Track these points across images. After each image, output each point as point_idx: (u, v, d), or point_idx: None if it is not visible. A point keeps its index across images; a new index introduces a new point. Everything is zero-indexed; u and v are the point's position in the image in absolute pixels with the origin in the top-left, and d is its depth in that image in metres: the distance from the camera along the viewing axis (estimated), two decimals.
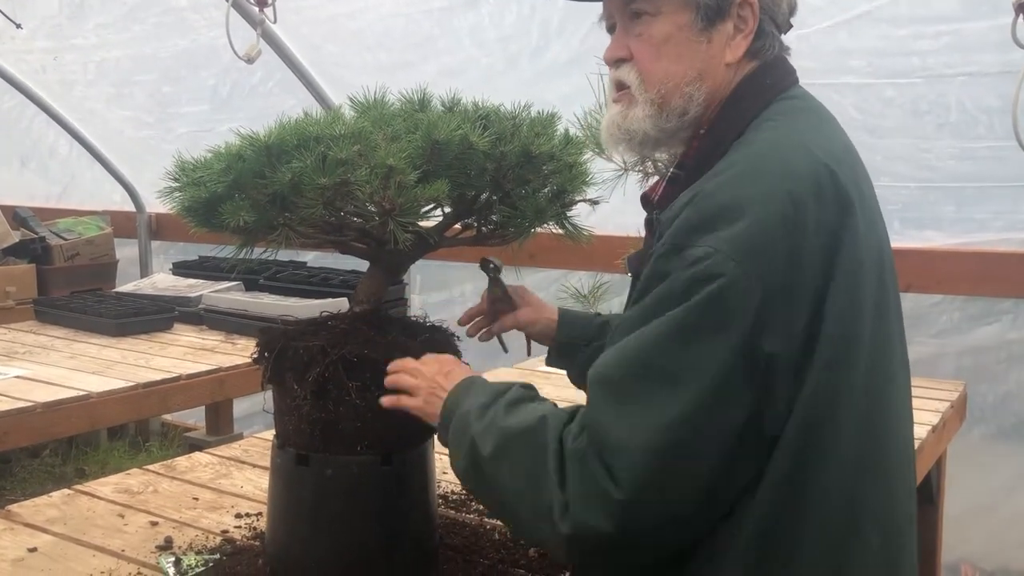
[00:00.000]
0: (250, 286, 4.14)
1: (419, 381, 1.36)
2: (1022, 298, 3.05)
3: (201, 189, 1.31)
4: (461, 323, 1.71)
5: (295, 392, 1.38)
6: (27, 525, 1.70)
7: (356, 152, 1.27)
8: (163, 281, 4.45)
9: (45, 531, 1.68)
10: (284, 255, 1.64)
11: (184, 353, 3.36)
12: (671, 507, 1.10)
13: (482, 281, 1.70)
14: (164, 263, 5.22)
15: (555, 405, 1.26)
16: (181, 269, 4.61)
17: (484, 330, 1.71)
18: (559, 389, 1.79)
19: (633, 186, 2.19)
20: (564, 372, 1.72)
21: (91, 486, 1.92)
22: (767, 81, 1.28)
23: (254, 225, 1.31)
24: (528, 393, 1.29)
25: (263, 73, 4.20)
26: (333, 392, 1.36)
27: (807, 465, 1.12)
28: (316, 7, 3.83)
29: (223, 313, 3.77)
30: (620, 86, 1.31)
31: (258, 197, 1.29)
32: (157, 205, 5.11)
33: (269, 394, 1.47)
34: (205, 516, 1.76)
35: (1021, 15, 2.24)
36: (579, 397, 1.27)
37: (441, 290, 4.24)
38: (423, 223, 1.41)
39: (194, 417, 4.47)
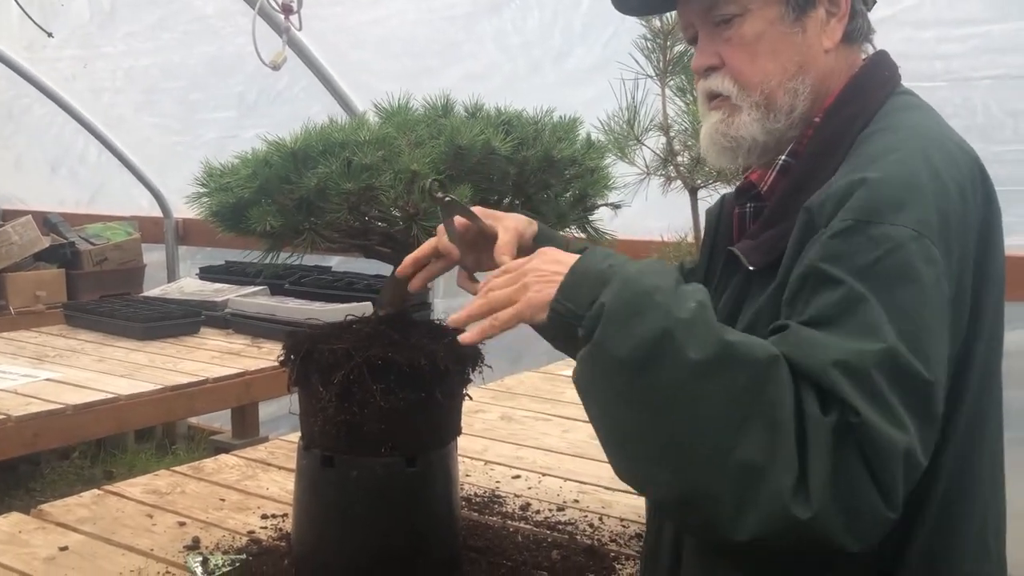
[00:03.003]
0: (275, 291, 4.18)
1: (519, 283, 1.11)
2: None
3: (229, 194, 1.33)
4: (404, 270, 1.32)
5: (320, 394, 1.39)
6: (58, 524, 1.73)
7: (380, 158, 1.28)
8: (190, 285, 4.50)
9: (76, 530, 1.71)
10: (309, 260, 1.65)
11: (211, 357, 3.40)
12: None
13: None
14: (191, 268, 5.27)
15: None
16: (208, 274, 4.66)
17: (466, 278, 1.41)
18: None
19: (655, 190, 2.19)
20: None
21: (120, 487, 1.95)
22: (886, 73, 1.24)
23: (281, 229, 1.33)
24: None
25: (289, 79, 4.25)
26: (358, 394, 1.37)
27: (959, 485, 1.07)
28: (341, 15, 3.87)
29: (249, 317, 3.81)
30: (713, 96, 1.25)
31: (285, 202, 1.31)
32: (184, 210, 5.16)
33: (295, 397, 1.49)
34: (232, 517, 1.79)
35: None
36: None
37: (464, 295, 4.24)
38: None
39: (220, 420, 4.51)
